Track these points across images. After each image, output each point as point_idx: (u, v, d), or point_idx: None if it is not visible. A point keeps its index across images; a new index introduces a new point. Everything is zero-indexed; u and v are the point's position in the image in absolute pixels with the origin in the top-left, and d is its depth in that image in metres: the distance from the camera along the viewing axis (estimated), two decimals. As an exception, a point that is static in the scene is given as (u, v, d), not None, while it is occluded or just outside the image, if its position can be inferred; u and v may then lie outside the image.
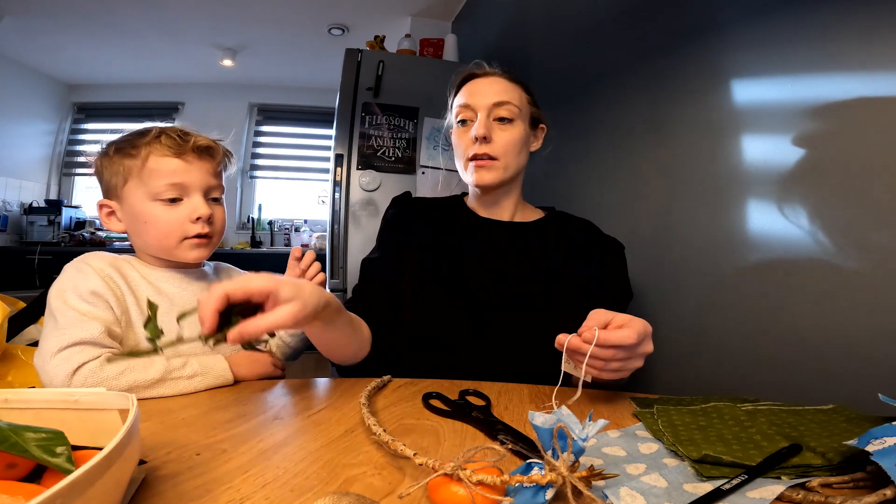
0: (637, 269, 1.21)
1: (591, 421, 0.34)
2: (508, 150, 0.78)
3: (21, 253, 3.10)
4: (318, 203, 4.18)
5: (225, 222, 0.77)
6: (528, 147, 0.83)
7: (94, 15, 2.89)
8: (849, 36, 0.73)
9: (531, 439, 0.45)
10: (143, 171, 0.69)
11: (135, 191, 0.70)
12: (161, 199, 0.69)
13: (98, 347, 0.58)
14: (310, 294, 0.50)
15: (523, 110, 0.80)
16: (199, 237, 0.71)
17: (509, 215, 0.85)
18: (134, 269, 0.71)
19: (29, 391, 0.40)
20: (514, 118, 0.79)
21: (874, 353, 0.67)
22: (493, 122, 0.78)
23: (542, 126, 0.86)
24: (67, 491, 0.22)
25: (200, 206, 0.70)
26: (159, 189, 0.69)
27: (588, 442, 0.33)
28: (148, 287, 0.70)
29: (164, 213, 0.69)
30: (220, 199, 0.76)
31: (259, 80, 4.01)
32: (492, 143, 0.78)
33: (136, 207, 0.70)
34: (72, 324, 0.59)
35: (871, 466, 0.35)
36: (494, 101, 0.78)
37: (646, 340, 0.55)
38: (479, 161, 0.78)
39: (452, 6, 2.83)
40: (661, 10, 1.15)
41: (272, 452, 0.43)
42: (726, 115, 0.96)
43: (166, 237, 0.70)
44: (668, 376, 1.08)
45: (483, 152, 0.78)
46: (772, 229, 0.85)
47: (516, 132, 0.79)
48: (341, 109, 1.97)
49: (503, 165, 0.79)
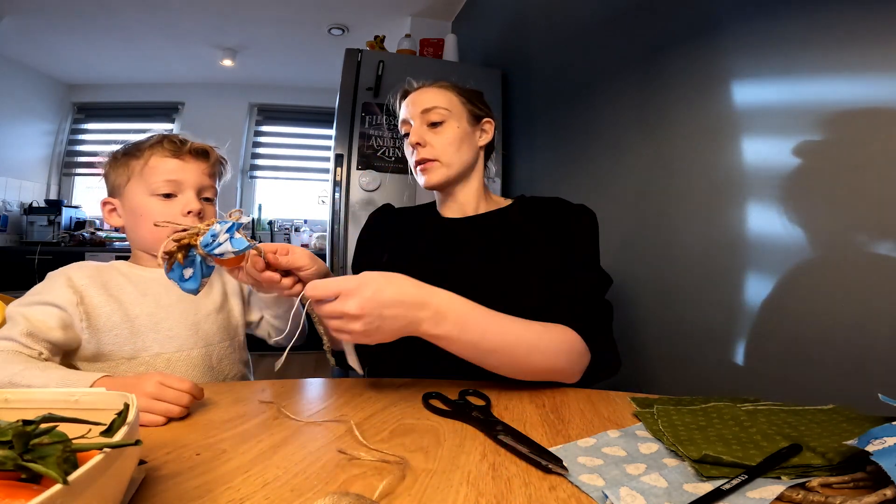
0: (637, 268, 1.21)
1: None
2: (445, 149, 0.83)
3: (21, 253, 3.10)
4: (318, 203, 4.18)
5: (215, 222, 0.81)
6: (470, 142, 0.86)
7: (94, 15, 2.89)
8: (848, 38, 0.73)
9: (532, 439, 0.45)
10: (145, 169, 0.76)
11: (135, 187, 0.77)
12: (157, 193, 0.75)
13: (9, 342, 0.62)
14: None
15: (455, 110, 0.85)
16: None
17: (473, 209, 0.88)
18: (120, 275, 0.76)
19: (29, 391, 0.40)
20: (445, 119, 0.84)
21: (874, 353, 0.67)
22: (427, 127, 0.84)
23: (488, 120, 0.90)
24: (67, 491, 0.22)
25: (192, 201, 0.76)
26: (156, 185, 0.75)
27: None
28: (133, 290, 0.75)
29: (159, 207, 0.75)
30: (213, 201, 0.81)
31: (259, 80, 4.01)
32: (427, 147, 0.83)
33: (134, 202, 0.76)
34: (9, 323, 0.65)
35: (871, 466, 0.35)
36: (422, 109, 0.84)
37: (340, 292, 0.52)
38: (422, 165, 0.84)
39: (452, 6, 2.84)
40: (660, 10, 1.15)
41: (272, 452, 0.43)
42: (726, 115, 0.96)
43: (158, 229, 0.73)
44: (668, 376, 1.08)
45: (421, 157, 0.83)
46: (771, 230, 0.85)
47: (449, 131, 0.84)
48: (341, 109, 1.97)
49: (445, 164, 0.83)
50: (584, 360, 0.65)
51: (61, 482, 0.22)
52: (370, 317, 0.50)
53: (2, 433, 0.27)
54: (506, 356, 0.59)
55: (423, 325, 0.54)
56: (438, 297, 0.56)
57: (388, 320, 0.52)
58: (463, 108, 0.86)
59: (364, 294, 0.50)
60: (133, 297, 0.74)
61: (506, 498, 0.36)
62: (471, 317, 0.57)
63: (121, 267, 0.78)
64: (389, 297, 0.51)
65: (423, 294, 0.55)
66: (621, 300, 1.26)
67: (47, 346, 0.64)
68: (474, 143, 0.87)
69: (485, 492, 0.36)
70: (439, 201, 0.91)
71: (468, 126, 0.86)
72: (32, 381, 0.55)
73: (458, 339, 0.56)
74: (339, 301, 0.50)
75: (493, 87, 2.10)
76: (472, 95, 0.89)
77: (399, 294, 0.52)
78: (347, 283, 0.50)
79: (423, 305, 0.54)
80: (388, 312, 0.51)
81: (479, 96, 0.91)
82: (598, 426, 0.51)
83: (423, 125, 0.84)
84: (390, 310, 0.51)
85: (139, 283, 0.76)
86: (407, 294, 0.53)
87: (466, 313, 0.57)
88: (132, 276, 0.76)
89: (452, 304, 0.57)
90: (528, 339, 0.60)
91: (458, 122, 0.85)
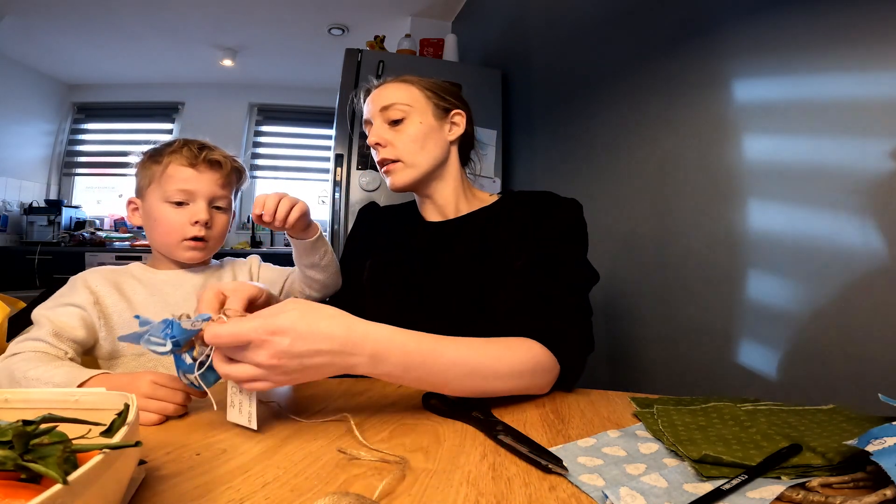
0: (637, 268, 1.21)
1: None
2: (408, 147, 0.78)
3: (21, 253, 3.10)
4: (318, 203, 4.18)
5: (226, 230, 0.85)
6: (437, 138, 0.80)
7: (94, 15, 2.89)
8: (849, 36, 0.73)
9: (532, 439, 0.45)
10: (163, 176, 0.79)
11: (154, 192, 0.80)
12: (171, 201, 0.78)
13: (37, 342, 0.65)
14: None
15: (417, 105, 0.79)
16: (196, 240, 0.79)
17: (454, 210, 0.83)
18: (132, 278, 0.80)
19: (29, 391, 0.40)
20: (407, 115, 0.78)
21: (874, 353, 0.67)
22: (387, 126, 0.79)
23: (458, 112, 0.83)
24: (67, 491, 0.22)
25: (201, 211, 0.79)
26: (170, 192, 0.78)
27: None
28: (143, 291, 0.78)
29: (171, 214, 0.79)
30: (226, 209, 0.84)
31: (259, 80, 4.00)
32: (388, 147, 0.78)
33: (151, 206, 0.80)
34: (35, 326, 0.68)
35: (871, 466, 0.35)
36: (381, 107, 0.79)
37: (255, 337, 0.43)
38: (384, 167, 0.80)
39: (452, 6, 2.83)
40: (660, 10, 1.15)
41: (272, 452, 0.43)
42: (726, 114, 0.96)
43: (168, 235, 0.79)
44: (668, 376, 1.08)
45: (382, 158, 0.79)
46: (771, 229, 0.85)
47: (411, 128, 0.78)
48: (341, 109, 1.97)
49: (410, 164, 0.78)
50: (552, 374, 0.61)
51: (61, 482, 0.22)
52: (287, 367, 0.43)
53: (2, 433, 0.27)
54: (462, 386, 0.53)
55: (359, 369, 0.47)
56: (374, 338, 0.48)
57: (311, 369, 0.45)
58: (427, 101, 0.80)
59: (279, 346, 0.42)
60: (143, 297, 0.77)
61: (506, 498, 0.36)
62: (416, 353, 0.50)
63: (134, 270, 0.81)
64: (310, 347, 0.44)
65: (355, 336, 0.46)
66: (621, 300, 1.26)
67: (72, 346, 0.68)
68: (442, 139, 0.81)
69: (485, 492, 0.36)
70: (418, 202, 0.87)
71: (434, 120, 0.80)
72: (41, 376, 0.57)
73: (404, 377, 0.50)
74: (250, 351, 0.43)
75: (493, 87, 2.10)
76: (437, 87, 0.82)
77: (322, 342, 0.44)
78: (256, 332, 0.42)
79: (353, 350, 0.46)
80: (310, 362, 0.44)
81: (447, 88, 0.84)
82: (598, 426, 0.51)
83: (384, 124, 0.79)
84: (313, 359, 0.44)
85: (149, 284, 0.80)
86: (334, 340, 0.45)
87: (410, 351, 0.50)
88: (144, 279, 0.80)
89: (392, 342, 0.49)
90: (486, 365, 0.54)
91: (422, 117, 0.79)
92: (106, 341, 0.73)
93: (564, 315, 0.64)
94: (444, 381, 0.52)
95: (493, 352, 0.56)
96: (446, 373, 0.52)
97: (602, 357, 1.31)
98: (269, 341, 0.42)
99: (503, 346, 0.58)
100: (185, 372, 0.47)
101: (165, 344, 0.44)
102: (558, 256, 0.69)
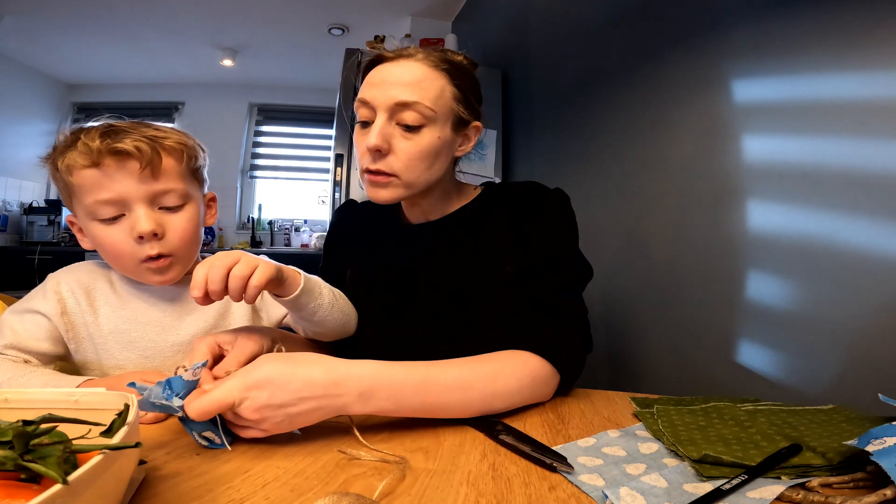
0: (637, 268, 1.21)
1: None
2: (412, 164, 0.63)
3: (21, 253, 3.10)
4: (318, 203, 4.18)
5: (192, 232, 0.64)
6: (447, 154, 0.67)
7: (93, 15, 2.89)
8: (849, 36, 0.73)
9: (533, 439, 0.45)
10: (74, 187, 0.58)
11: (77, 210, 0.61)
12: (98, 218, 0.59)
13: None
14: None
15: (441, 112, 0.63)
16: (153, 259, 0.60)
17: (438, 212, 0.74)
18: (109, 284, 0.67)
19: (29, 391, 0.40)
20: (424, 124, 0.62)
21: (874, 353, 0.67)
22: (396, 127, 0.63)
23: (476, 124, 0.69)
24: (67, 491, 0.22)
25: (138, 220, 0.58)
26: (91, 207, 0.58)
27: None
28: (113, 302, 0.65)
29: (106, 234, 0.59)
30: (182, 206, 0.63)
31: (259, 80, 4.00)
32: (389, 157, 0.63)
33: (85, 227, 0.61)
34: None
35: (871, 466, 0.35)
36: (397, 102, 0.61)
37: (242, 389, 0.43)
38: (373, 177, 0.64)
39: (452, 6, 2.83)
40: (661, 10, 1.15)
41: (272, 452, 0.43)
42: (727, 115, 0.96)
43: (118, 260, 0.62)
44: (668, 376, 1.08)
45: (377, 168, 0.63)
46: (772, 229, 0.85)
47: (425, 142, 0.62)
48: (341, 109, 1.97)
49: (404, 183, 0.64)
50: (552, 383, 0.59)
51: (61, 482, 0.22)
52: (273, 419, 0.43)
53: (2, 433, 0.27)
54: (461, 410, 0.51)
55: (352, 409, 0.46)
56: (358, 375, 0.46)
57: (300, 416, 0.44)
58: (453, 110, 0.65)
59: (258, 400, 0.42)
60: (108, 310, 0.65)
61: (506, 498, 0.36)
62: (406, 385, 0.48)
63: (114, 276, 0.67)
64: (291, 396, 0.43)
65: (336, 377, 0.45)
66: (621, 300, 1.26)
67: (35, 356, 0.60)
68: (451, 155, 0.68)
69: (485, 492, 0.36)
70: (402, 202, 0.77)
71: (451, 133, 0.65)
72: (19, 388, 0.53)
73: (397, 410, 0.48)
74: (235, 412, 0.43)
75: (493, 86, 2.10)
76: (467, 86, 0.67)
77: (303, 389, 0.43)
78: (234, 394, 0.42)
79: (339, 392, 0.45)
80: (295, 410, 0.43)
81: (475, 87, 0.70)
82: (598, 426, 0.51)
83: (391, 123, 0.63)
84: (297, 407, 0.43)
85: (123, 295, 0.66)
86: (315, 385, 0.44)
87: (400, 382, 0.48)
88: (119, 288, 0.67)
89: (379, 378, 0.47)
90: (482, 386, 0.52)
91: (441, 130, 0.64)
92: (78, 354, 0.64)
93: (559, 321, 0.61)
94: (442, 407, 0.50)
95: (489, 371, 0.53)
96: (442, 400, 0.50)
97: (602, 357, 1.31)
98: (247, 398, 0.42)
99: (498, 363, 0.55)
100: (200, 431, 0.43)
101: (173, 403, 0.42)
102: (549, 260, 0.65)
